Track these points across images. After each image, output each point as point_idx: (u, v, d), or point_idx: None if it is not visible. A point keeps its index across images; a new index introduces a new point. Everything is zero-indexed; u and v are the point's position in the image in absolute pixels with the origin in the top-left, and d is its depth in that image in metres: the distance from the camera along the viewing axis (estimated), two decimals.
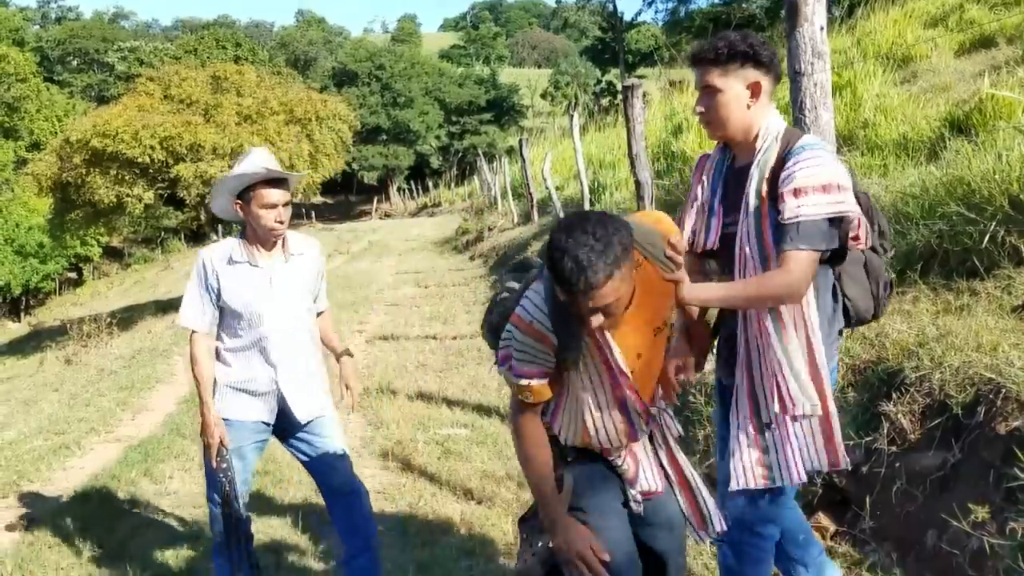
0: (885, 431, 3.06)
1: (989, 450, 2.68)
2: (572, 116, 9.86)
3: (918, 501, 2.85)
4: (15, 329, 31.34)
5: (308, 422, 3.19)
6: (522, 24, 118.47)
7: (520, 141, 14.42)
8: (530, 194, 13.79)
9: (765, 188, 2.12)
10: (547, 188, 12.05)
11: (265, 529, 4.10)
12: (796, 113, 3.72)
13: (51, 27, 75.87)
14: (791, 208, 2.03)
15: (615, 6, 58.77)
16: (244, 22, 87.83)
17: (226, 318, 3.12)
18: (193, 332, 3.10)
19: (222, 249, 3.15)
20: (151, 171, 15.72)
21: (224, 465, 3.05)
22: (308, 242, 3.33)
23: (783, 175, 2.07)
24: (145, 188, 16.04)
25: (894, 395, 3.11)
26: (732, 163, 2.29)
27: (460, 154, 55.83)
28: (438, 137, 55.77)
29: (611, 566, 2.13)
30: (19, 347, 22.64)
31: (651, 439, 2.32)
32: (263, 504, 4.42)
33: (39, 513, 4.80)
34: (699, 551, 3.22)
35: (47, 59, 62.88)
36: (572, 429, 2.24)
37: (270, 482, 4.77)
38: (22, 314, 35.20)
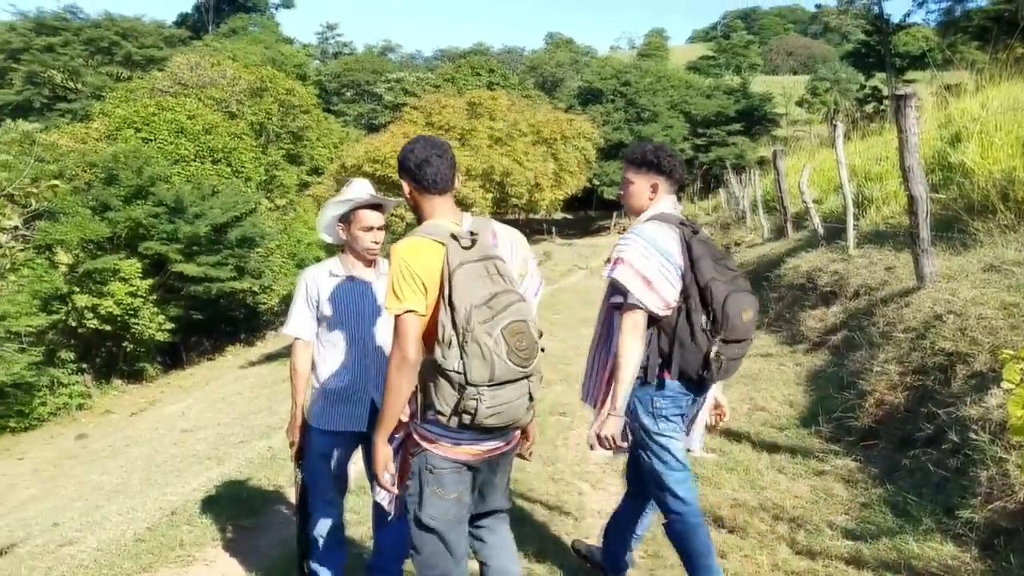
0: None
1: None
2: (835, 125, 9.25)
3: None
4: None
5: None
6: (777, 31, 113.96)
7: (774, 152, 13.80)
8: (784, 208, 13.13)
9: None
10: (804, 202, 11.40)
11: None
12: None
13: (329, 62, 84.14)
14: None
15: (881, 8, 54.78)
16: (497, 48, 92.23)
17: (327, 328, 3.42)
18: (297, 339, 3.45)
19: (323, 266, 3.50)
20: None
21: (302, 465, 3.53)
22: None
23: None
24: (406, 209, 17.28)
25: None
26: None
27: (705, 167, 54.66)
28: (682, 150, 54.92)
29: None
30: None
31: None
32: None
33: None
34: None
35: (325, 91, 69.74)
36: None
37: None
38: None
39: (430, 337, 2.50)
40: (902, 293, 6.48)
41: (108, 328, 22.07)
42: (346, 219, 3.42)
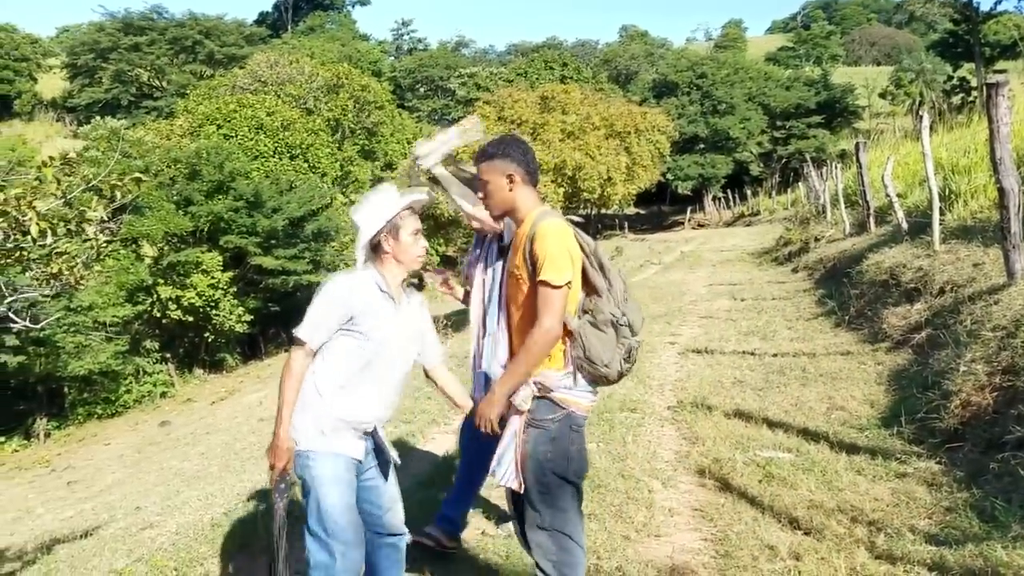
0: None
1: None
2: (921, 116, 8.91)
3: None
4: None
5: (375, 464, 3.17)
6: (859, 21, 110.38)
7: (857, 145, 13.39)
8: (866, 202, 12.73)
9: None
10: (887, 195, 11.03)
11: None
12: None
13: (403, 58, 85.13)
14: None
15: None
16: (571, 42, 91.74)
17: (352, 347, 2.95)
18: (300, 345, 2.93)
19: (367, 278, 3.01)
20: None
21: (282, 492, 2.95)
22: (413, 291, 3.25)
23: None
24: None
25: None
26: None
27: (784, 160, 53.39)
28: (760, 143, 53.71)
29: None
30: None
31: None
32: None
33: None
34: None
35: (399, 87, 70.61)
36: None
37: None
38: None
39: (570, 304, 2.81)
40: (991, 290, 6.21)
41: (190, 319, 22.79)
42: (390, 228, 3.02)
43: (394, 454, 3.18)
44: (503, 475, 2.85)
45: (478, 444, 3.89)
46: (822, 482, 4.46)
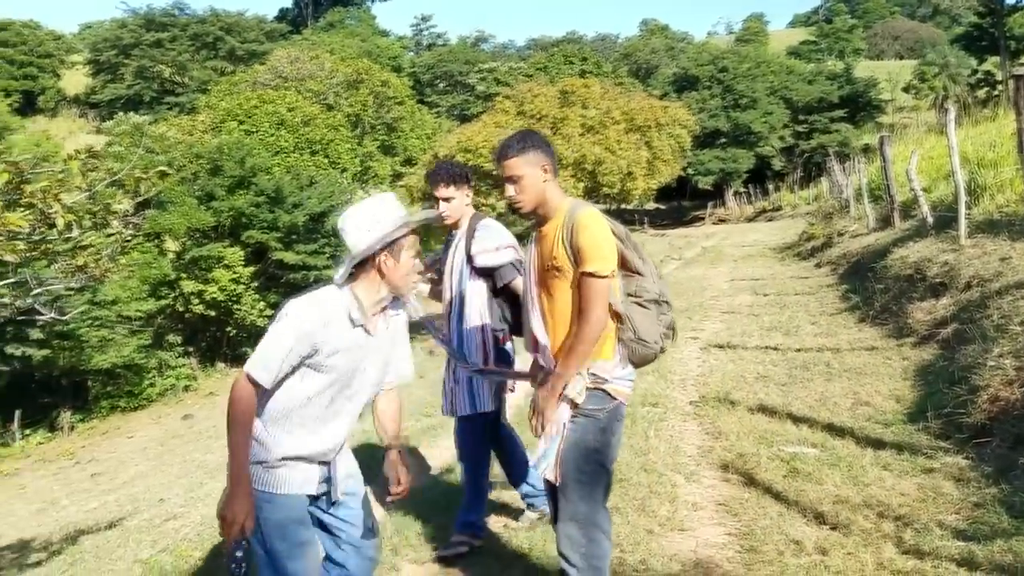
0: None
1: None
2: (948, 110, 8.81)
3: None
4: None
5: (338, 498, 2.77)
6: (882, 14, 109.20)
7: (881, 139, 13.26)
8: (891, 196, 12.59)
9: None
10: (912, 189, 10.91)
11: None
12: None
13: (423, 53, 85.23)
14: None
15: None
16: (591, 37, 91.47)
17: (307, 383, 2.54)
18: (250, 382, 2.47)
19: (336, 308, 2.53)
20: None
21: (239, 559, 2.45)
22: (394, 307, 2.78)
23: None
24: (498, 198, 17.35)
25: None
26: None
27: (806, 155, 52.90)
28: (782, 138, 53.19)
29: None
30: None
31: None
32: None
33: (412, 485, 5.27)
34: None
35: (419, 82, 70.66)
36: None
37: None
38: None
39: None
40: (1018, 284, 6.14)
41: (212, 313, 22.95)
42: (396, 244, 2.60)
43: (352, 485, 2.82)
44: (545, 466, 2.86)
45: (476, 450, 4.09)
46: (848, 477, 4.41)
